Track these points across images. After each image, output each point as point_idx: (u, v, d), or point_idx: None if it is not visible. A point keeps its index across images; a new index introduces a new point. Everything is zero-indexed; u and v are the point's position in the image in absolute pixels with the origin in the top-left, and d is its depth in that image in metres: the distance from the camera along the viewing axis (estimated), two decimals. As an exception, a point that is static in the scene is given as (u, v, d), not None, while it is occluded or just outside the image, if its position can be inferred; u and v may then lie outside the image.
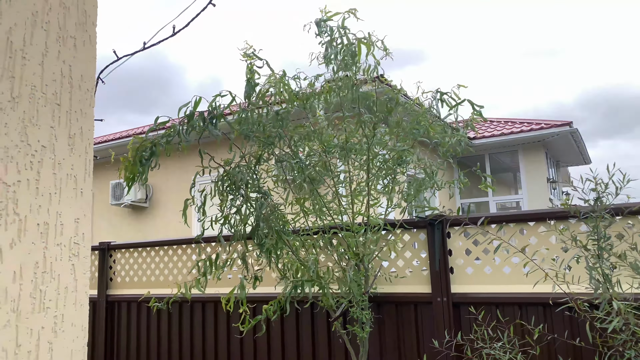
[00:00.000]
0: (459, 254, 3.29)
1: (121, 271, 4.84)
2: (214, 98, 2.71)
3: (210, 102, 2.71)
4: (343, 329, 3.35)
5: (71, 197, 1.22)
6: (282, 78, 3.03)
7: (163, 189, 10.80)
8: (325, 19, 2.93)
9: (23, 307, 1.09)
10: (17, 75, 1.13)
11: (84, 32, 1.30)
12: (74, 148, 1.24)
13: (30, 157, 1.14)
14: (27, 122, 1.14)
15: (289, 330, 3.84)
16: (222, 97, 2.74)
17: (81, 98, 1.28)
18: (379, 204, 3.30)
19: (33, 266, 1.12)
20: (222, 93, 2.72)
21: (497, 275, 3.14)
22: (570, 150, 13.24)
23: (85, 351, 1.22)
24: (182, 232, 10.05)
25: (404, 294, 3.39)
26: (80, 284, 1.22)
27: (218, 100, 2.73)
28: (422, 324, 3.34)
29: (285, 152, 3.17)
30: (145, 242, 4.72)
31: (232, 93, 2.75)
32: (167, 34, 1.67)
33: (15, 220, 1.09)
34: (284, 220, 3.09)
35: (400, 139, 3.15)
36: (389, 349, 3.42)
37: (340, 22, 2.91)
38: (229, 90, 2.72)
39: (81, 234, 1.24)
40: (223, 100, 2.76)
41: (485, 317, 3.14)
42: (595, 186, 2.43)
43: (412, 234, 3.46)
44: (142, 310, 4.66)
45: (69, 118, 1.24)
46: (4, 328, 1.04)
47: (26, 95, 1.14)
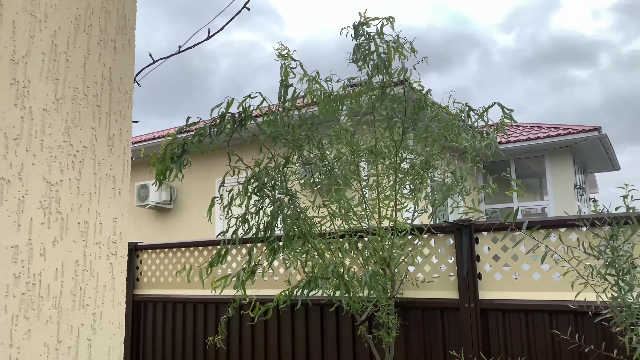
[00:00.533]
0: (486, 259, 3.25)
1: (147, 271, 4.90)
2: (244, 99, 2.74)
3: (240, 103, 2.73)
4: (368, 333, 3.33)
5: (110, 196, 1.25)
6: (315, 79, 3.04)
7: (187, 191, 10.92)
8: (363, 23, 2.93)
9: (64, 304, 1.11)
10: (61, 77, 1.16)
11: (123, 35, 1.33)
12: (113, 148, 1.27)
13: (72, 157, 1.16)
14: (70, 123, 1.17)
15: (313, 334, 3.84)
16: (252, 99, 2.76)
17: (120, 100, 1.30)
18: (406, 209, 3.28)
19: (74, 264, 1.14)
20: (252, 94, 2.74)
21: (527, 282, 3.09)
22: (598, 156, 12.95)
23: (122, 349, 1.24)
24: (205, 233, 10.14)
25: (431, 299, 3.36)
26: (117, 283, 1.24)
27: (248, 102, 2.76)
28: (448, 330, 3.30)
29: (314, 155, 3.18)
30: (171, 243, 4.78)
31: (262, 94, 2.77)
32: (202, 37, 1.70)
33: (58, 218, 1.11)
34: (310, 223, 3.09)
35: (429, 144, 3.13)
36: (414, 355, 3.39)
37: (379, 27, 2.91)
38: (259, 91, 2.75)
39: (119, 233, 1.26)
40: (253, 101, 2.78)
41: (514, 325, 3.09)
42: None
43: (439, 239, 3.43)
44: (168, 310, 4.71)
45: (109, 119, 1.27)
46: (46, 324, 1.07)
47: (69, 97, 1.17)
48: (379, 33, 2.91)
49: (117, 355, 1.22)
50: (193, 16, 1.80)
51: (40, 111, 1.10)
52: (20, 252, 1.03)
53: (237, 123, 2.71)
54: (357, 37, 2.95)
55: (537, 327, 3.01)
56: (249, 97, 2.75)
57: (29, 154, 1.07)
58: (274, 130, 2.88)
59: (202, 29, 1.71)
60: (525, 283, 3.09)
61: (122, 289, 1.25)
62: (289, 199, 2.88)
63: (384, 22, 2.90)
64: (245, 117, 2.73)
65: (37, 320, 1.05)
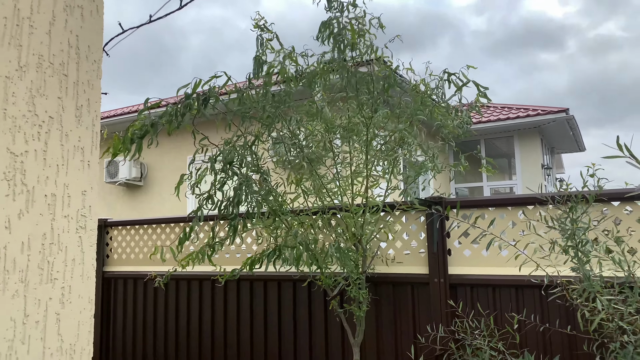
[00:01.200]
0: (456, 236, 3.31)
1: (117, 248, 4.84)
2: (209, 79, 2.70)
3: (205, 82, 2.69)
4: (340, 307, 3.38)
5: (78, 169, 1.21)
6: (290, 54, 3.00)
7: (158, 167, 10.75)
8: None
9: (31, 277, 1.08)
10: (25, 44, 1.11)
11: (91, 1, 1.28)
12: (81, 120, 1.23)
13: (38, 128, 1.13)
14: (35, 92, 1.12)
15: (285, 309, 3.87)
16: (218, 78, 2.72)
17: (88, 69, 1.26)
18: (378, 185, 3.31)
19: (41, 237, 1.11)
20: (218, 74, 2.70)
21: (495, 258, 3.17)
22: (565, 137, 13.27)
23: (92, 323, 1.23)
24: (177, 211, 10.04)
25: (402, 274, 3.42)
26: (87, 257, 1.22)
27: (214, 81, 2.72)
28: (418, 304, 3.37)
29: (284, 133, 3.16)
30: (142, 220, 4.71)
31: (227, 74, 2.73)
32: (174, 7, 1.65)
33: (23, 190, 1.08)
34: (281, 200, 3.09)
35: (402, 121, 3.14)
36: (385, 328, 3.46)
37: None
38: (224, 71, 2.70)
39: (88, 206, 1.23)
40: (218, 81, 2.74)
41: (482, 299, 3.18)
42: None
43: (410, 216, 3.47)
44: (139, 287, 4.67)
45: (77, 89, 1.22)
46: (12, 298, 1.04)
47: (33, 65, 1.13)
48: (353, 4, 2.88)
49: (87, 329, 1.21)
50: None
51: (2, 79, 1.06)
52: (-16, 224, 1.00)
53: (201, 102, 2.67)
54: (330, 9, 2.91)
55: (503, 302, 3.10)
56: (215, 77, 2.71)
57: (-9, 123, 1.03)
58: (241, 109, 2.84)
59: (174, -1, 1.67)
60: (494, 259, 3.17)
61: (92, 263, 1.23)
62: (260, 176, 2.86)
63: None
64: (209, 96, 2.70)
65: (2, 294, 1.02)
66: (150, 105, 2.69)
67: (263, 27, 2.99)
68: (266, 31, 3.00)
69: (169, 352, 4.42)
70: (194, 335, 4.30)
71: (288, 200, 3.23)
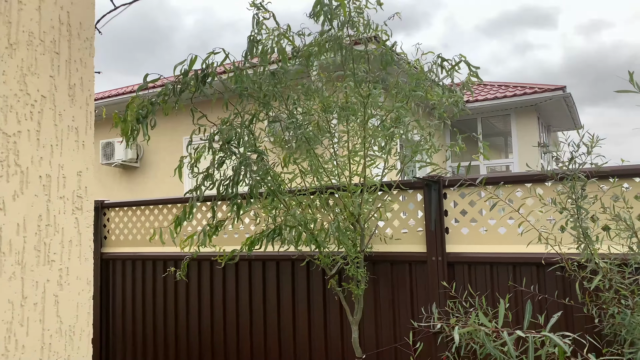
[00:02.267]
0: (454, 214, 3.32)
1: (115, 229, 4.83)
2: (207, 56, 2.65)
3: (203, 60, 2.64)
4: (338, 286, 3.39)
5: (73, 149, 1.19)
6: (285, 33, 2.95)
7: (154, 149, 10.70)
8: None
9: (28, 259, 1.07)
10: (14, 20, 1.08)
11: (81, -24, 1.24)
12: (74, 99, 1.21)
13: (30, 107, 1.10)
14: (26, 70, 1.10)
15: (284, 288, 3.89)
16: (216, 55, 2.67)
17: (80, 47, 1.23)
18: (375, 165, 3.29)
19: (37, 219, 1.10)
20: (216, 50, 2.65)
21: (493, 236, 3.17)
22: (562, 115, 13.25)
23: (91, 304, 1.22)
24: (174, 192, 10.02)
25: (400, 253, 3.43)
26: (84, 238, 1.21)
27: (211, 58, 2.67)
28: (416, 282, 3.39)
29: (281, 112, 3.13)
30: (139, 201, 4.70)
31: (225, 50, 2.68)
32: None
33: (17, 171, 1.06)
34: (279, 180, 3.08)
35: (398, 100, 3.11)
36: (383, 307, 3.49)
37: None
38: (222, 47, 2.65)
39: (84, 187, 1.22)
40: (216, 57, 2.69)
41: (479, 276, 3.20)
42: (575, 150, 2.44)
43: (408, 195, 3.47)
44: (137, 268, 4.68)
45: (69, 68, 1.20)
46: (9, 280, 1.03)
47: (24, 42, 1.10)
48: None
49: (86, 310, 1.20)
50: None
51: (-8, 57, 1.03)
52: (-22, 206, 0.98)
53: (200, 80, 2.63)
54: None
55: (501, 279, 3.12)
56: (213, 53, 2.66)
57: (-18, 102, 1.00)
58: (239, 87, 2.80)
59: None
60: (491, 237, 3.18)
61: (90, 245, 1.22)
62: (257, 155, 2.84)
63: None
64: (208, 73, 2.65)
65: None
66: (149, 81, 2.63)
67: (260, 5, 2.94)
68: (263, 10, 2.94)
69: (169, 332, 4.45)
70: (193, 315, 4.33)
71: (286, 181, 3.21)
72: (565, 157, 2.54)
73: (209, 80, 2.74)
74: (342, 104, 3.10)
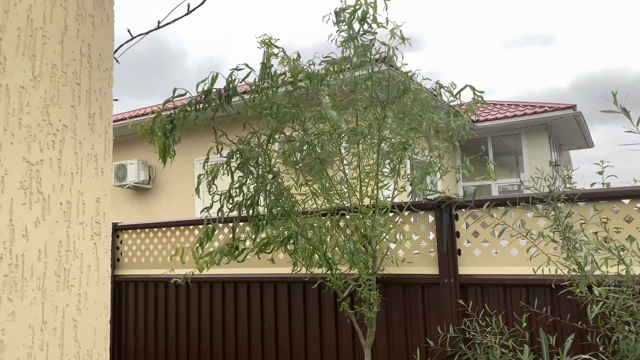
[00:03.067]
0: (466, 236, 3.31)
1: (128, 252, 4.87)
2: (231, 72, 2.69)
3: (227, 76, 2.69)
4: (350, 309, 3.38)
5: (92, 176, 1.23)
6: (295, 60, 3.02)
7: (165, 170, 10.80)
8: (345, 8, 2.92)
9: (48, 284, 1.10)
10: (38, 54, 1.12)
11: (102, 10, 1.29)
12: (94, 127, 1.24)
13: (52, 137, 1.14)
14: (49, 101, 1.14)
15: (296, 311, 3.88)
16: (239, 71, 2.72)
17: (100, 77, 1.28)
18: (386, 187, 3.31)
19: (57, 244, 1.12)
20: (239, 67, 2.70)
21: (505, 257, 3.16)
22: (573, 134, 13.19)
23: (108, 328, 1.24)
24: (184, 214, 10.08)
25: (412, 275, 3.42)
26: (102, 263, 1.23)
27: (235, 75, 2.72)
28: (428, 304, 3.37)
29: (297, 133, 3.17)
30: (152, 223, 4.74)
31: (249, 65, 2.73)
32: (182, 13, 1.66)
33: (40, 199, 1.09)
34: (292, 201, 3.10)
35: (407, 124, 3.14)
36: (395, 329, 3.46)
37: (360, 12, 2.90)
38: (246, 63, 2.70)
39: (102, 213, 1.25)
40: (239, 74, 2.74)
41: (492, 298, 3.17)
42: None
43: (419, 216, 3.47)
44: (150, 290, 4.70)
45: (89, 97, 1.24)
46: (30, 305, 1.06)
47: (47, 74, 1.14)
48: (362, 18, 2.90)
49: (103, 335, 1.22)
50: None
51: (17, 89, 1.07)
52: (2, 233, 1.01)
53: (224, 98, 2.68)
54: (339, 23, 2.94)
55: (514, 301, 3.09)
56: (236, 69, 2.71)
57: (7, 133, 1.04)
58: (259, 107, 2.85)
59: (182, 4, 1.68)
60: (504, 258, 3.16)
61: (107, 269, 1.24)
62: (272, 176, 2.87)
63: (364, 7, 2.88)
64: (232, 92, 2.70)
65: (21, 301, 1.03)
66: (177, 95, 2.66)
67: (270, 43, 3.02)
68: (273, 47, 3.02)
69: (181, 354, 4.44)
70: (205, 337, 4.32)
71: (299, 201, 3.24)
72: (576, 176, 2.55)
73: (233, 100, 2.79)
74: (352, 127, 3.14)
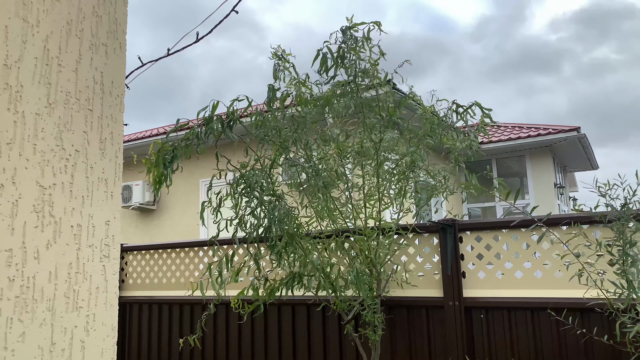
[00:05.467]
0: (470, 258, 3.31)
1: (132, 273, 4.88)
2: (231, 102, 2.77)
3: (228, 106, 2.77)
4: (355, 332, 3.37)
5: (102, 200, 1.26)
6: (304, 82, 3.08)
7: (170, 192, 10.85)
8: (351, 27, 2.99)
9: (58, 306, 1.12)
10: (53, 82, 1.17)
11: (114, 39, 1.34)
12: (105, 152, 1.28)
13: (65, 161, 1.17)
14: (62, 127, 1.18)
15: (300, 333, 3.86)
16: (240, 102, 2.80)
17: (112, 104, 1.32)
18: (389, 208, 3.33)
19: (67, 267, 1.15)
20: (240, 97, 2.77)
21: (509, 280, 3.15)
22: (577, 156, 13.20)
23: (115, 350, 1.25)
24: (189, 235, 10.09)
25: (416, 297, 3.41)
26: (110, 285, 1.25)
27: (235, 105, 2.79)
28: (433, 327, 3.35)
29: (300, 156, 3.21)
30: (157, 245, 4.76)
31: (248, 98, 2.80)
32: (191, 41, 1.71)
33: (51, 222, 1.12)
34: (297, 223, 3.12)
35: (413, 144, 3.18)
36: (400, 352, 3.44)
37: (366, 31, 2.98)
38: (246, 95, 2.78)
39: (111, 235, 1.27)
40: (240, 104, 2.82)
41: (497, 322, 3.16)
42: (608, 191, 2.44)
43: (424, 238, 3.48)
44: (154, 312, 4.69)
45: (101, 123, 1.28)
46: (40, 327, 1.08)
47: (61, 101, 1.18)
48: (366, 38, 2.96)
49: (110, 356, 1.23)
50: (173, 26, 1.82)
51: (33, 115, 1.11)
52: (14, 255, 1.04)
53: (225, 125, 2.74)
54: (345, 42, 3.00)
55: (519, 324, 3.08)
56: (237, 100, 2.78)
57: (22, 158, 1.08)
58: (261, 132, 2.91)
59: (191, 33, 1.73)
60: (508, 281, 3.15)
61: (115, 291, 1.27)
62: (276, 199, 2.90)
63: (370, 26, 2.95)
64: (233, 119, 2.76)
65: (31, 322, 1.06)
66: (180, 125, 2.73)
67: (281, 56, 3.10)
68: (283, 60, 3.10)
69: (184, 378, 4.41)
70: (209, 357, 4.30)
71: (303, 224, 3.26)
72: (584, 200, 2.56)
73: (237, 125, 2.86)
74: (357, 149, 3.18)
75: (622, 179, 2.45)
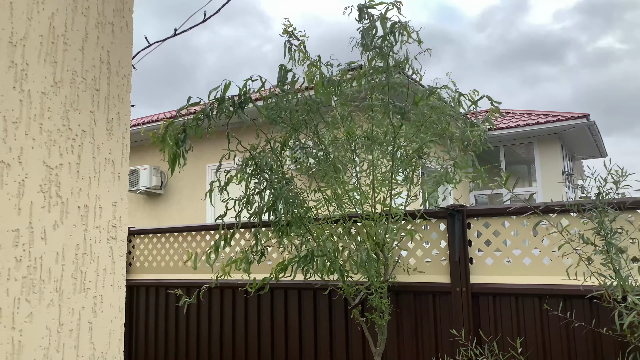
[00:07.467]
0: (478, 244, 3.29)
1: (140, 256, 4.90)
2: (245, 82, 2.73)
3: (241, 86, 2.73)
4: (361, 317, 3.37)
5: (109, 180, 1.25)
6: (316, 63, 3.04)
7: (177, 176, 10.87)
8: (369, 6, 2.90)
9: (65, 287, 1.11)
10: (59, 60, 1.15)
11: (121, 18, 1.32)
12: (112, 133, 1.26)
13: (72, 141, 1.16)
14: (69, 106, 1.16)
15: (306, 317, 3.87)
16: (253, 82, 2.76)
17: (119, 84, 1.30)
18: (399, 194, 3.31)
19: (74, 248, 1.14)
20: (253, 77, 2.74)
21: (517, 267, 3.13)
22: (586, 143, 13.07)
23: (122, 332, 1.25)
24: (195, 220, 10.13)
25: (423, 283, 3.40)
26: (117, 266, 1.25)
27: (248, 85, 2.75)
28: (440, 313, 3.35)
29: (310, 139, 3.18)
30: (165, 228, 4.77)
31: (262, 78, 2.76)
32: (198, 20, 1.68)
33: (58, 202, 1.11)
34: (306, 207, 3.11)
35: (422, 131, 3.14)
36: (406, 338, 3.44)
37: (384, 11, 2.87)
38: (260, 75, 2.74)
39: (118, 217, 1.26)
40: (253, 84, 2.78)
41: (504, 308, 3.14)
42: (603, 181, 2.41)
43: (431, 224, 3.46)
44: (161, 295, 4.72)
45: (108, 103, 1.26)
46: (47, 307, 1.07)
47: (67, 81, 1.16)
48: (383, 17, 2.87)
49: (117, 337, 1.23)
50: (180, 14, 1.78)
51: (39, 94, 1.09)
52: (21, 235, 1.03)
53: (237, 105, 2.71)
54: (361, 20, 2.92)
55: (527, 311, 3.07)
56: (250, 79, 2.74)
57: (28, 137, 1.06)
58: (273, 113, 2.88)
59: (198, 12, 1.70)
60: (516, 267, 3.14)
61: (122, 273, 1.26)
62: (285, 182, 2.89)
63: (389, 6, 2.86)
64: (246, 99, 2.73)
65: (38, 303, 1.05)
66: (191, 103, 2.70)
67: (291, 33, 3.04)
68: (294, 38, 3.05)
69: (190, 359, 4.45)
70: (215, 342, 4.32)
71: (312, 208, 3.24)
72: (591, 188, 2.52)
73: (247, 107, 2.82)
74: (367, 134, 3.14)
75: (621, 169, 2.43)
